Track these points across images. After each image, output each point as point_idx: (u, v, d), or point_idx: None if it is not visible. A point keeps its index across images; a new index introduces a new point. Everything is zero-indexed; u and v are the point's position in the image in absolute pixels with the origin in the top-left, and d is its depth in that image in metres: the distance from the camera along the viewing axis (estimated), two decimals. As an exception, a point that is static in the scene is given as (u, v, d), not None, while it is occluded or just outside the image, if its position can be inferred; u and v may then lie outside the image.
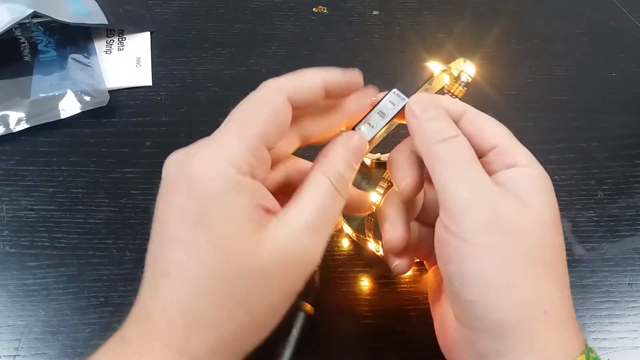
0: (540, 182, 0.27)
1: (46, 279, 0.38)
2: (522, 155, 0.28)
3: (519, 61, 0.55)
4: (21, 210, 0.41)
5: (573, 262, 0.40)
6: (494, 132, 0.29)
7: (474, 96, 0.51)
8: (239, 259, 0.24)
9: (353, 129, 0.30)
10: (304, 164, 0.32)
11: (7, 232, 0.40)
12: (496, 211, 0.26)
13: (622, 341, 0.37)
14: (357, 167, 0.29)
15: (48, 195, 0.42)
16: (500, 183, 0.27)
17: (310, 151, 0.44)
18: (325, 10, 0.58)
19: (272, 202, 0.27)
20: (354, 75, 0.30)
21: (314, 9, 0.58)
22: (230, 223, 0.24)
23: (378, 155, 0.39)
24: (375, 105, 0.30)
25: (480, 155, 0.28)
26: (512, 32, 0.57)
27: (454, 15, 0.59)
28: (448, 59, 0.54)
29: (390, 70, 0.52)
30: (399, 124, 0.31)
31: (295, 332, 0.33)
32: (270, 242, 0.24)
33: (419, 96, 0.30)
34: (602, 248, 0.41)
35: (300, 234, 0.25)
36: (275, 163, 0.29)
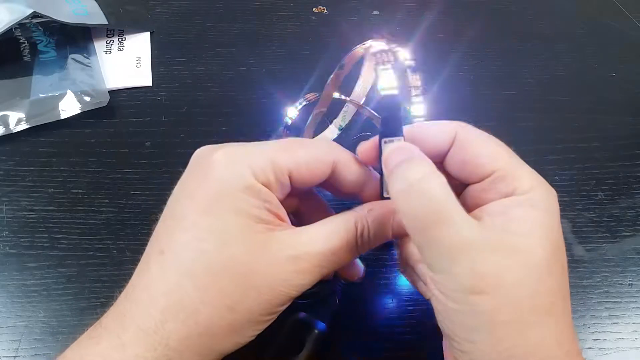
0: (538, 212, 0.25)
1: (46, 279, 0.38)
2: (522, 179, 0.26)
3: (519, 61, 0.55)
4: (21, 210, 0.41)
5: (573, 263, 0.40)
6: (490, 156, 0.27)
7: (475, 96, 0.51)
8: (238, 253, 0.24)
9: (382, 197, 0.29)
10: (319, 199, 0.32)
11: (7, 232, 0.40)
12: (477, 270, 0.23)
13: (622, 342, 0.37)
14: (380, 238, 0.28)
15: (48, 196, 0.42)
16: (492, 215, 0.25)
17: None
18: (325, 10, 0.58)
19: (285, 216, 0.27)
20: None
21: (314, 9, 0.58)
22: (239, 218, 0.24)
23: None
24: (380, 163, 0.28)
25: (477, 181, 0.27)
26: (512, 32, 0.57)
27: (454, 15, 0.59)
28: (448, 59, 0.54)
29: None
30: None
31: (305, 351, 0.32)
32: (272, 249, 0.25)
33: (391, 146, 0.27)
34: (603, 248, 0.41)
35: (307, 254, 0.25)
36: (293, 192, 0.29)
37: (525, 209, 0.25)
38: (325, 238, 0.26)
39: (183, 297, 0.24)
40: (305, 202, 0.32)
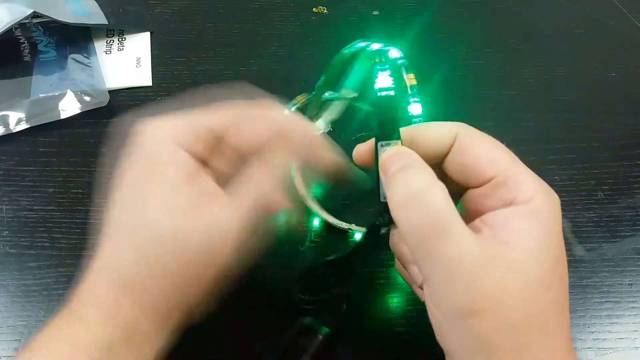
0: (538, 223, 0.24)
1: (46, 279, 0.38)
2: (524, 185, 0.25)
3: (519, 61, 0.54)
4: (21, 210, 0.41)
5: (573, 263, 0.40)
6: (490, 161, 0.26)
7: (475, 96, 0.51)
8: (165, 224, 0.25)
9: (380, 201, 0.28)
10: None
11: (7, 232, 0.40)
12: (474, 291, 0.23)
13: (622, 342, 0.37)
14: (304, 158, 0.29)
15: (48, 196, 0.42)
16: (492, 226, 0.25)
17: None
18: (325, 10, 0.58)
19: (214, 186, 0.27)
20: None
21: (314, 9, 0.58)
22: (163, 188, 0.26)
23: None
24: (377, 168, 0.27)
25: (477, 185, 0.26)
26: (512, 32, 0.57)
27: (454, 15, 0.59)
28: (448, 59, 0.54)
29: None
30: None
31: (307, 356, 0.32)
32: (198, 216, 0.26)
33: (388, 151, 0.27)
34: (602, 248, 0.41)
35: (229, 215, 0.26)
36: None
37: (526, 220, 0.24)
38: (244, 197, 0.27)
39: (130, 277, 0.26)
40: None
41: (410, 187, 0.24)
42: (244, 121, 0.28)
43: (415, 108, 0.31)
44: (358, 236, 0.39)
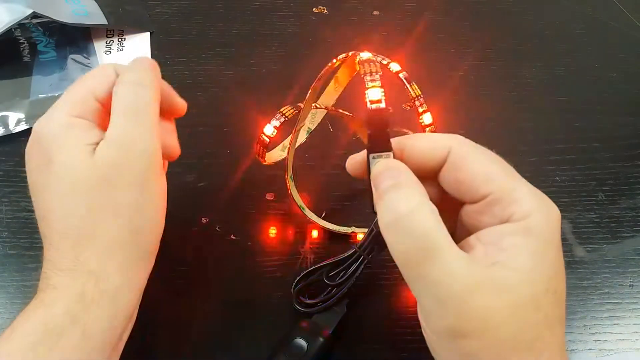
0: (533, 241, 0.24)
1: (46, 280, 0.37)
2: (520, 202, 0.24)
3: (519, 61, 0.54)
4: (21, 211, 0.41)
5: (574, 264, 0.40)
6: (485, 178, 0.25)
7: (475, 96, 0.51)
8: (82, 175, 0.27)
9: (372, 212, 0.27)
10: None
11: (6, 233, 0.40)
12: (463, 313, 0.23)
13: (623, 343, 0.37)
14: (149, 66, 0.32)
15: (48, 196, 0.42)
16: (485, 244, 0.25)
17: (311, 152, 0.44)
18: (325, 10, 0.58)
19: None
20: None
21: (314, 9, 0.58)
22: (67, 152, 0.28)
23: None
24: (369, 179, 0.27)
25: (472, 202, 0.26)
26: (512, 32, 0.57)
27: (454, 15, 0.59)
28: (448, 59, 0.54)
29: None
30: None
31: (307, 357, 0.32)
32: (100, 156, 0.28)
33: (378, 165, 0.26)
34: (603, 249, 0.41)
35: (115, 139, 0.28)
36: None
37: (519, 238, 0.24)
38: (115, 117, 0.29)
39: (75, 231, 0.27)
40: None
41: (397, 210, 0.24)
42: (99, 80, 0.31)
43: (426, 117, 0.31)
44: (361, 236, 0.39)
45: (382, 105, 0.25)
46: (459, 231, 0.28)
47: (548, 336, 0.24)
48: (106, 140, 0.28)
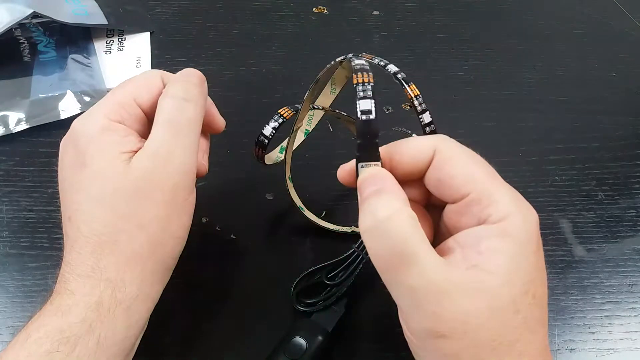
0: (510, 243, 0.24)
1: (46, 279, 0.37)
2: (498, 204, 0.25)
3: (519, 61, 0.55)
4: (21, 211, 0.41)
5: (573, 263, 0.40)
6: (464, 178, 0.25)
7: (475, 97, 0.51)
8: (115, 184, 0.28)
9: None
10: None
11: (6, 232, 0.40)
12: (440, 315, 0.23)
13: (622, 342, 0.37)
14: (197, 83, 0.32)
15: (48, 196, 0.42)
16: (463, 246, 0.25)
17: (311, 152, 0.44)
18: (325, 10, 0.58)
19: (142, 142, 0.30)
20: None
21: (314, 9, 0.58)
22: (102, 157, 0.28)
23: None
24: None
25: (452, 202, 0.26)
26: (512, 32, 0.57)
27: (454, 15, 0.59)
28: (448, 59, 0.54)
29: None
30: None
31: (307, 357, 0.32)
32: (136, 167, 0.28)
33: (363, 173, 0.26)
34: (603, 249, 0.41)
35: (154, 153, 0.28)
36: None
37: (497, 240, 0.24)
38: (157, 130, 0.29)
39: (102, 238, 0.27)
40: None
41: (375, 215, 0.24)
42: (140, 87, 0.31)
43: (426, 116, 0.31)
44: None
45: (372, 116, 0.25)
46: (441, 232, 0.28)
47: (528, 338, 0.24)
48: (145, 151, 0.28)
